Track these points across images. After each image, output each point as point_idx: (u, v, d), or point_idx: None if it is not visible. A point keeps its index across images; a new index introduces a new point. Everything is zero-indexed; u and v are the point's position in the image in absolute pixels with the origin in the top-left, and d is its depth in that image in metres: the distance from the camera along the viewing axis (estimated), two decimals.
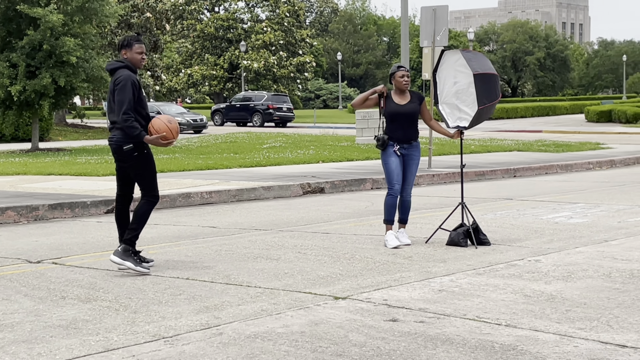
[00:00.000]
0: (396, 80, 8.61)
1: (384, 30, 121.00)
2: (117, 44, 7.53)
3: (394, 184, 8.53)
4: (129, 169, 7.31)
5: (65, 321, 5.45)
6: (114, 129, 7.26)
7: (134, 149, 7.19)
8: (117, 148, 7.23)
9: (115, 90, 7.15)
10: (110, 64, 7.36)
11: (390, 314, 5.54)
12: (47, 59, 23.78)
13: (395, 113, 8.49)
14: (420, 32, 18.34)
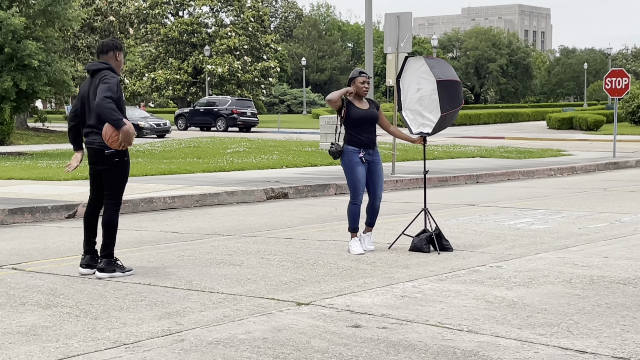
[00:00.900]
0: (356, 86, 8.41)
1: (348, 36, 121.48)
2: (102, 45, 7.33)
3: (359, 194, 8.45)
4: (105, 172, 7.25)
5: (25, 327, 5.38)
6: (93, 133, 7.17)
7: (115, 154, 7.15)
8: (99, 151, 7.16)
9: (98, 86, 6.99)
10: (93, 65, 7.22)
11: (352, 320, 5.54)
12: (8, 62, 23.52)
13: (360, 117, 8.37)
14: (385, 39, 18.42)
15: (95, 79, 7.17)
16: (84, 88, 7.31)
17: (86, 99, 7.25)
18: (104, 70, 7.17)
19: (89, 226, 7.41)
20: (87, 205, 7.52)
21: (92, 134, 7.22)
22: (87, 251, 7.34)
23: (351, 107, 8.41)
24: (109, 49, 7.31)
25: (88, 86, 7.25)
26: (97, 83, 7.08)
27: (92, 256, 7.30)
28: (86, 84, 7.32)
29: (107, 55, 7.30)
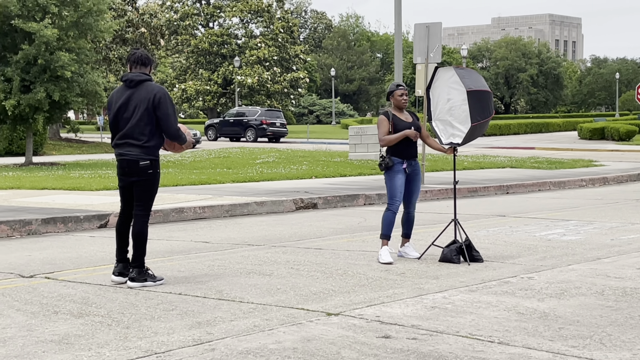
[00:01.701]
0: (395, 99, 8.68)
1: (377, 47, 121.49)
2: (138, 57, 7.36)
3: (396, 201, 8.66)
4: (137, 184, 7.29)
5: (58, 336, 5.44)
6: (127, 144, 7.22)
7: (150, 166, 7.22)
8: (133, 163, 7.21)
9: (156, 105, 7.11)
10: (135, 75, 7.25)
11: (382, 331, 5.54)
12: (41, 74, 23.79)
13: (405, 129, 8.59)
14: (414, 49, 18.41)
15: (139, 91, 7.18)
16: (121, 97, 7.29)
17: (123, 109, 7.25)
18: (150, 83, 7.26)
19: (121, 236, 7.46)
20: (119, 215, 7.58)
21: (125, 145, 7.25)
22: (120, 260, 7.40)
23: (397, 121, 8.65)
24: (149, 62, 7.39)
25: (127, 96, 7.24)
26: (155, 102, 7.12)
27: (124, 264, 7.36)
28: (122, 94, 7.30)
29: (146, 67, 7.37)
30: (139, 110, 7.16)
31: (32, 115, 24.12)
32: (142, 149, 7.20)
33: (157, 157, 7.31)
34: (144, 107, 7.15)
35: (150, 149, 7.22)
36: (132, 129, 7.19)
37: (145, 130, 7.17)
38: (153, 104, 7.14)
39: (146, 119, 7.15)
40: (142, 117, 7.15)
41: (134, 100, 7.20)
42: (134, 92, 7.23)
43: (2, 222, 10.70)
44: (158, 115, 7.15)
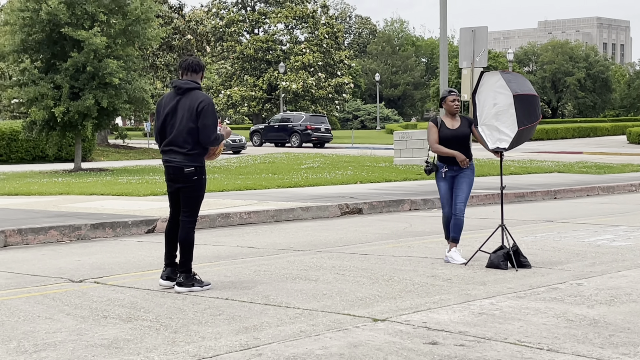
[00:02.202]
0: (447, 105, 8.86)
1: (422, 51, 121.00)
2: (189, 64, 7.40)
3: (444, 206, 8.99)
4: (183, 190, 7.35)
5: (107, 340, 5.50)
6: (173, 151, 7.28)
7: (195, 172, 7.28)
8: (178, 169, 7.27)
9: (199, 114, 7.16)
10: (184, 83, 7.30)
11: (429, 337, 5.51)
12: (90, 81, 24.14)
13: (448, 137, 8.81)
14: (459, 53, 18.33)
15: (187, 99, 7.23)
16: (170, 104, 7.33)
17: (170, 115, 7.30)
18: (197, 92, 7.29)
19: (169, 240, 7.51)
20: (168, 220, 7.64)
21: (171, 152, 7.31)
22: (168, 264, 7.46)
23: (442, 128, 8.86)
24: (200, 69, 7.42)
25: (175, 103, 7.29)
26: (198, 110, 7.16)
27: (172, 269, 7.41)
28: (171, 100, 7.34)
29: (197, 74, 7.41)
30: (184, 119, 7.21)
31: (81, 122, 24.47)
32: (186, 156, 7.25)
33: (202, 164, 7.36)
34: (188, 115, 7.20)
35: (194, 156, 7.27)
36: (177, 136, 7.25)
37: (190, 138, 7.22)
38: (197, 113, 7.18)
39: (191, 127, 7.20)
40: (188, 125, 7.20)
41: (180, 107, 7.26)
42: (181, 99, 7.29)
43: (52, 227, 10.87)
44: (198, 124, 7.19)
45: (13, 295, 7.10)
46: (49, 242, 10.74)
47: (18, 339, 5.55)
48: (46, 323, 6.02)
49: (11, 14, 24.18)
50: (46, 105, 23.86)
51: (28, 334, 5.69)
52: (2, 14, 25.96)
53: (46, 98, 23.90)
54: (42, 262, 9.05)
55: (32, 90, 23.81)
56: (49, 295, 7.08)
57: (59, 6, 23.43)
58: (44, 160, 33.20)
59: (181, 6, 53.93)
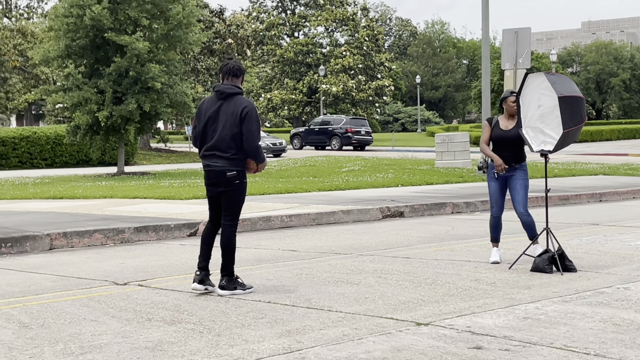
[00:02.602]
0: (508, 105, 8.88)
1: (463, 53, 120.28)
2: (229, 68, 7.40)
3: (492, 206, 9.00)
4: (225, 194, 7.34)
5: (152, 343, 5.54)
6: (215, 156, 7.27)
7: (237, 176, 7.28)
8: (221, 173, 7.26)
9: (243, 119, 7.16)
10: (228, 87, 7.29)
11: (474, 342, 5.46)
12: (132, 85, 24.40)
13: (499, 138, 8.85)
14: (502, 55, 18.19)
15: (229, 104, 7.22)
16: (211, 108, 7.32)
17: (212, 120, 7.30)
18: (240, 97, 7.30)
19: (206, 244, 7.48)
20: (207, 223, 7.63)
21: (213, 156, 7.29)
22: (202, 267, 7.37)
23: (495, 128, 8.91)
24: (241, 73, 7.42)
25: (217, 108, 7.28)
26: (242, 115, 7.15)
27: (206, 273, 7.35)
28: (213, 104, 7.33)
29: (238, 78, 7.40)
30: (227, 124, 7.20)
31: (124, 126, 24.72)
32: (229, 161, 7.25)
33: (243, 168, 7.35)
34: (232, 120, 7.19)
35: (237, 161, 7.27)
36: (220, 141, 7.24)
37: (233, 143, 7.21)
38: (240, 118, 7.18)
39: (235, 132, 7.19)
40: (230, 130, 7.19)
41: (223, 112, 7.25)
42: (223, 104, 7.28)
43: (96, 230, 10.99)
44: (242, 130, 7.18)
45: (59, 298, 7.19)
46: (93, 245, 10.85)
47: (64, 341, 5.61)
48: (92, 325, 6.08)
49: (55, 20, 24.54)
50: (90, 110, 24.16)
51: (74, 336, 5.75)
52: (47, 19, 26.31)
53: (90, 103, 24.20)
54: (87, 265, 9.15)
55: (76, 95, 24.13)
56: (94, 298, 7.15)
57: (103, 12, 23.72)
58: (88, 164, 33.61)
59: (222, 10, 54.30)
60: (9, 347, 5.47)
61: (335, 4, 75.17)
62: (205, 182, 7.51)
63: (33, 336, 5.77)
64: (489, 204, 9.07)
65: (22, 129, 34.12)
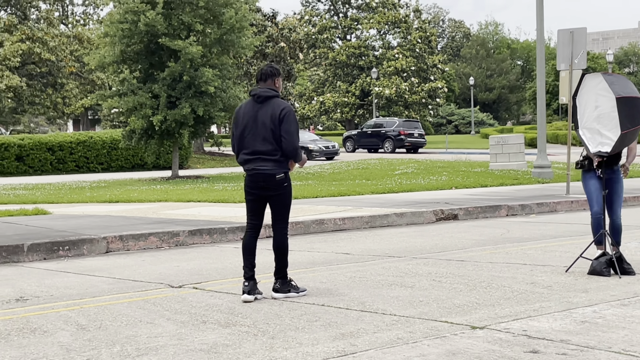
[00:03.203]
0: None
1: (517, 54, 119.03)
2: (261, 72, 7.42)
3: (593, 205, 8.62)
4: (275, 198, 7.32)
5: (207, 345, 5.58)
6: (260, 159, 7.25)
7: (285, 179, 7.27)
8: (269, 177, 7.23)
9: (281, 120, 7.16)
10: (264, 91, 7.29)
11: (530, 345, 5.39)
12: (186, 90, 24.64)
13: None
14: (557, 55, 17.94)
15: (267, 107, 7.22)
16: (249, 112, 7.30)
17: (251, 124, 7.26)
18: (277, 99, 7.28)
19: (250, 253, 7.35)
20: (247, 231, 7.48)
21: (258, 160, 7.25)
22: (249, 277, 7.25)
23: None
24: (267, 77, 7.36)
25: (255, 112, 7.27)
26: (280, 117, 7.15)
27: (254, 282, 7.26)
28: (251, 109, 7.31)
29: (265, 82, 7.37)
30: (267, 127, 7.18)
31: (178, 130, 24.98)
32: (275, 163, 7.22)
33: (288, 170, 7.35)
34: (271, 123, 7.17)
35: (283, 163, 7.26)
36: (263, 145, 7.21)
37: (276, 145, 7.20)
38: (279, 120, 7.17)
39: (276, 135, 7.18)
40: (271, 133, 7.17)
41: (261, 116, 7.23)
42: (261, 108, 7.26)
43: (152, 233, 11.12)
44: (281, 132, 7.17)
45: (116, 300, 7.28)
46: (148, 248, 10.98)
47: (121, 343, 5.68)
48: (147, 328, 6.15)
49: (111, 26, 24.91)
50: (145, 114, 24.47)
51: (130, 338, 5.82)
52: (103, 26, 26.74)
53: (145, 107, 24.51)
54: (142, 268, 9.26)
55: (131, 99, 24.45)
56: (149, 300, 7.23)
57: (157, 17, 24.00)
58: (143, 168, 34.04)
59: (274, 14, 54.57)
60: (67, 349, 5.56)
61: (387, 7, 75.03)
62: (248, 186, 7.39)
63: (90, 338, 5.86)
64: (588, 204, 8.71)
65: (79, 134, 34.71)
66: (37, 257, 10.08)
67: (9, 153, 32.03)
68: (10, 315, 6.70)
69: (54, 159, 33.02)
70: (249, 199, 7.46)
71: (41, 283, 8.32)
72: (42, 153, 32.75)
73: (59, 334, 5.99)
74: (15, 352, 5.50)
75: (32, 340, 5.84)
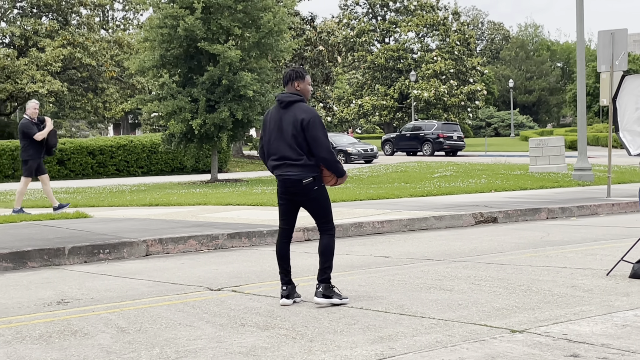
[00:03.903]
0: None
1: (557, 56, 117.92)
2: (284, 76, 7.38)
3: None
4: (308, 202, 7.24)
5: (245, 348, 5.60)
6: (286, 165, 7.18)
7: (314, 182, 7.17)
8: (297, 182, 7.16)
9: (305, 128, 7.05)
10: (286, 96, 7.23)
11: (570, 349, 5.33)
12: (225, 94, 24.80)
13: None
14: (598, 57, 17.76)
15: (290, 112, 7.14)
16: (275, 118, 7.25)
17: (276, 129, 7.21)
18: (300, 104, 7.18)
19: (284, 259, 7.33)
20: (280, 236, 7.43)
21: (284, 165, 7.19)
22: (287, 282, 7.25)
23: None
24: (288, 80, 7.29)
25: (280, 117, 7.21)
26: (304, 125, 7.04)
27: (292, 286, 7.25)
28: (276, 114, 7.25)
29: (287, 85, 7.31)
30: (290, 133, 7.10)
31: (217, 134, 25.14)
32: (302, 168, 7.11)
33: (318, 174, 7.18)
34: (293, 129, 7.09)
35: (310, 167, 7.13)
36: (287, 150, 7.14)
37: (300, 150, 7.10)
38: (302, 126, 7.06)
39: (299, 140, 7.09)
40: (295, 138, 7.08)
41: (285, 121, 7.15)
42: (285, 114, 7.18)
43: (191, 237, 11.20)
44: (307, 137, 7.08)
45: (155, 303, 7.35)
46: (188, 251, 11.06)
47: (160, 346, 5.73)
48: (187, 330, 6.20)
49: (150, 31, 25.16)
50: (184, 118, 24.66)
51: (170, 341, 5.86)
52: (142, 30, 27.02)
53: (184, 111, 24.71)
54: (182, 271, 9.33)
55: (171, 103, 24.67)
56: (189, 303, 7.29)
57: (195, 22, 24.19)
58: (182, 172, 34.31)
59: (313, 18, 54.68)
60: (107, 351, 5.62)
61: (425, 9, 74.82)
62: (279, 191, 7.34)
63: (130, 340, 5.91)
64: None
65: (119, 138, 35.10)
66: (78, 260, 10.21)
67: (50, 157, 32.46)
68: (52, 318, 6.79)
69: (94, 162, 33.42)
70: (280, 204, 7.42)
71: (82, 286, 8.42)
72: (83, 157, 33.16)
73: (99, 337, 6.06)
74: (57, 354, 5.57)
75: (73, 342, 5.91)
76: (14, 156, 31.63)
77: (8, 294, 8.04)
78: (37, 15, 53.80)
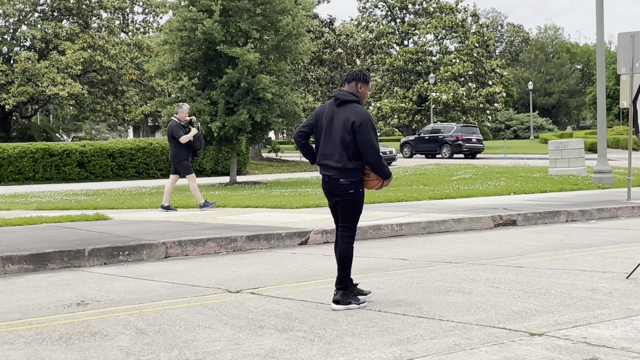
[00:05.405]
0: None
1: (577, 58, 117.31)
2: (348, 74, 7.33)
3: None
4: (341, 204, 7.20)
5: (264, 350, 5.62)
6: (328, 165, 7.15)
7: (351, 186, 7.10)
8: (334, 180, 7.12)
9: (355, 130, 6.99)
10: (343, 94, 7.18)
11: (590, 353, 5.31)
12: (244, 96, 24.85)
13: None
14: (618, 59, 17.66)
15: (342, 112, 7.10)
16: (327, 114, 7.21)
17: (327, 126, 7.17)
18: (355, 105, 7.13)
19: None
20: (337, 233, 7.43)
21: (326, 166, 7.18)
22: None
23: None
24: (352, 79, 7.26)
25: (332, 115, 7.17)
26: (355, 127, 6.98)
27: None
28: (329, 111, 7.22)
29: (349, 84, 7.27)
30: (339, 132, 7.07)
31: (236, 136, 25.20)
32: (341, 171, 7.09)
33: (359, 179, 7.14)
34: (343, 129, 7.04)
35: (350, 171, 7.07)
36: (332, 150, 7.12)
37: (345, 152, 7.05)
38: (352, 128, 7.01)
39: (346, 141, 7.03)
40: (343, 139, 7.04)
41: (336, 120, 7.12)
42: (338, 112, 7.14)
43: (210, 239, 11.23)
44: (357, 140, 7.02)
45: (174, 305, 7.37)
46: (207, 254, 11.09)
47: (179, 348, 5.75)
48: (205, 332, 6.22)
49: (170, 34, 25.27)
50: (203, 121, 24.73)
51: (189, 343, 5.89)
52: (162, 33, 27.13)
53: (203, 114, 24.78)
54: (200, 273, 9.35)
55: (190, 106, 24.74)
56: (207, 305, 7.31)
57: (214, 25, 24.27)
58: (201, 174, 34.39)
59: (332, 20, 54.72)
60: (126, 353, 5.65)
61: (444, 11, 74.66)
62: (323, 188, 7.37)
63: (149, 342, 5.94)
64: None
65: (139, 140, 35.24)
66: (98, 262, 10.26)
67: (70, 159, 32.66)
68: (72, 319, 6.83)
69: (114, 165, 33.58)
70: (330, 205, 7.43)
71: (101, 287, 8.47)
72: (102, 159, 33.33)
73: (118, 338, 6.09)
74: (76, 356, 5.61)
75: (93, 344, 5.95)
76: (35, 158, 31.85)
77: (28, 295, 8.10)
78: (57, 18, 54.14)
